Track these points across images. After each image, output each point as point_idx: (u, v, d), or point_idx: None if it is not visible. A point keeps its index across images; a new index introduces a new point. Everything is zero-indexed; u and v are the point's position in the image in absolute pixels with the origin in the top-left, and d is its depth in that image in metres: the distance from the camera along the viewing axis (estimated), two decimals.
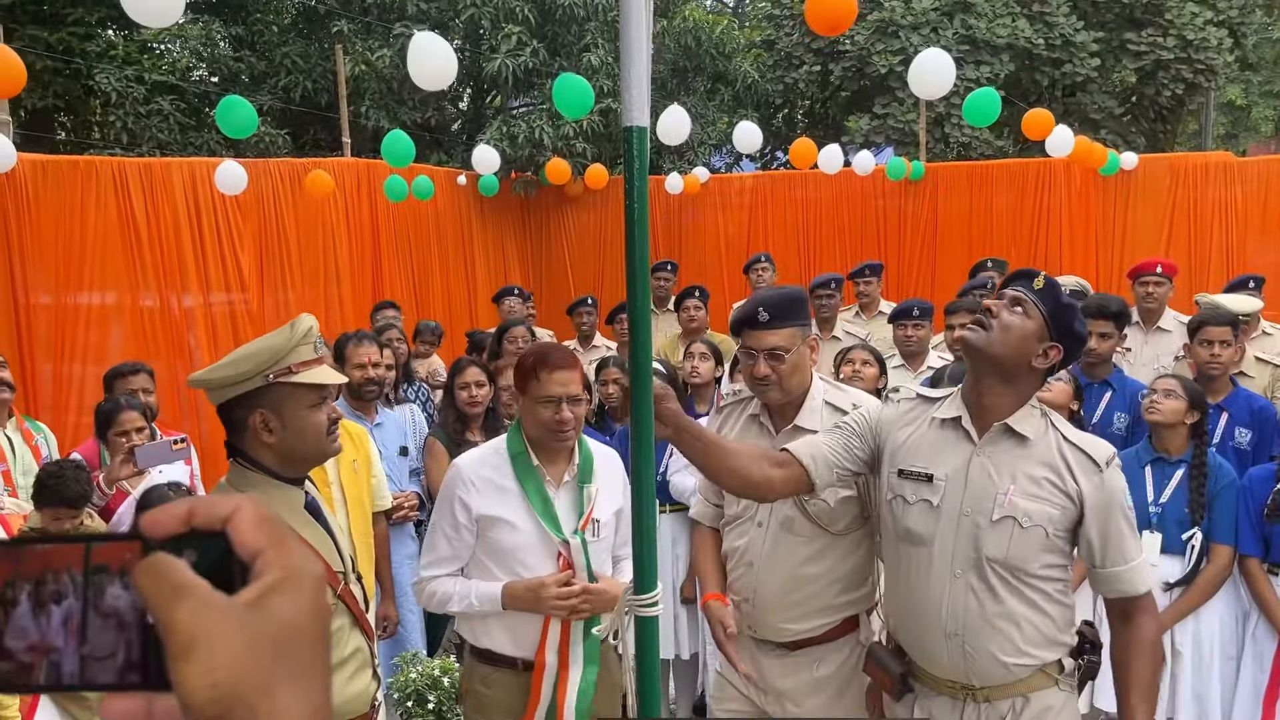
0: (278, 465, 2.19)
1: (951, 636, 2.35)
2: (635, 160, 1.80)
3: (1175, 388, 3.67)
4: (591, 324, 6.88)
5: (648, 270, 1.84)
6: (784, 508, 2.71)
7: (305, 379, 2.14)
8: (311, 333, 2.17)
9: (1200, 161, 9.66)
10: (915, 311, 5.18)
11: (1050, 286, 2.33)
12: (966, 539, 2.31)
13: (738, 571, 2.79)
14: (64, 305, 6.24)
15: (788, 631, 2.74)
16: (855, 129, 14.22)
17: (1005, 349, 2.28)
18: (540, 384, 2.67)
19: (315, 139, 12.47)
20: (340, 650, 2.23)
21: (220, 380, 2.13)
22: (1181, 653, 3.64)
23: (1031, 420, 2.33)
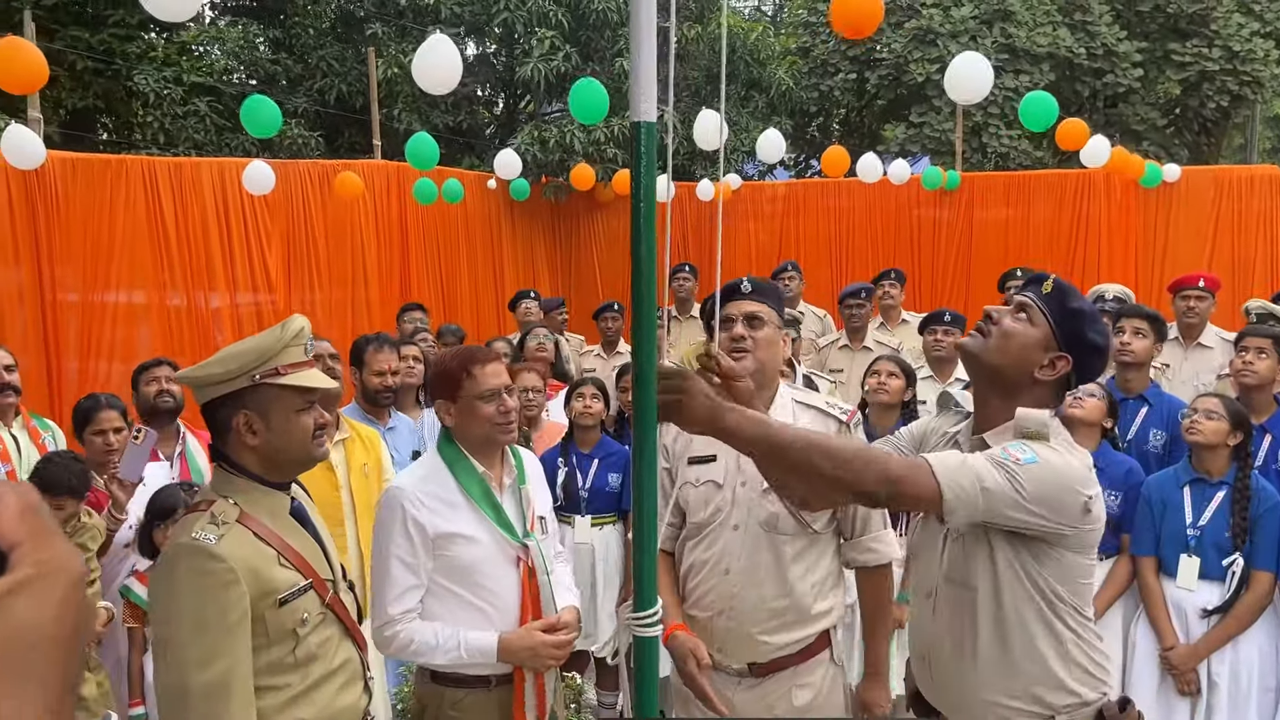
0: (261, 469, 2.13)
1: (920, 660, 2.28)
2: (643, 157, 1.72)
3: (1217, 408, 3.52)
4: (618, 329, 6.80)
5: (655, 271, 1.75)
6: (766, 505, 2.63)
7: (293, 381, 2.08)
8: (302, 334, 2.12)
9: (1245, 175, 9.43)
10: (947, 317, 5.05)
11: (1059, 291, 2.14)
12: (938, 557, 2.21)
13: (710, 583, 2.67)
14: (91, 303, 6.25)
15: (766, 648, 2.64)
16: (891, 138, 14.07)
17: (1003, 358, 2.11)
18: (475, 381, 2.62)
19: (350, 142, 12.51)
20: (328, 662, 2.14)
21: (206, 378, 2.08)
22: (1218, 683, 3.48)
23: (1005, 436, 2.10)
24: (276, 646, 2.04)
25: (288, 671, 2.06)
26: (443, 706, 2.60)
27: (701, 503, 2.71)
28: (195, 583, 1.95)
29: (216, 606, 1.95)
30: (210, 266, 6.84)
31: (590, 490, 4.37)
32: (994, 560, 2.08)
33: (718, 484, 2.70)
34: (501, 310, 9.60)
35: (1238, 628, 3.45)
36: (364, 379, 4.27)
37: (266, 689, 2.03)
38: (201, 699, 1.92)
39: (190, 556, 1.97)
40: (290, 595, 2.05)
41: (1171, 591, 3.58)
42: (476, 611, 2.61)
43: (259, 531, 2.06)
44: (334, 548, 2.32)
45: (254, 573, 2.00)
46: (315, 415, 2.14)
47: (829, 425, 2.72)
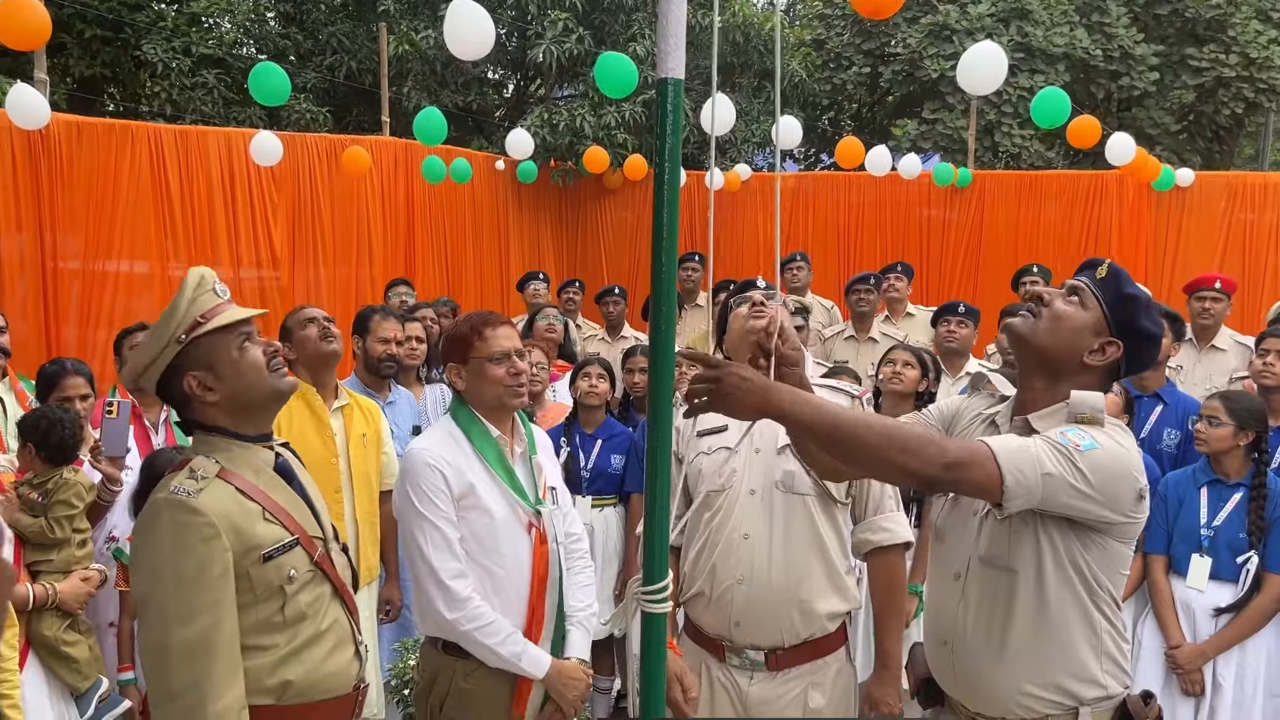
0: (233, 422, 2.09)
1: (942, 645, 2.21)
2: (669, 115, 1.66)
3: (1219, 412, 3.45)
4: (619, 313, 6.74)
5: (675, 239, 1.69)
6: (781, 464, 2.60)
7: (219, 322, 2.03)
8: (205, 281, 2.06)
9: (1259, 182, 9.36)
10: (960, 309, 4.98)
11: (1114, 276, 2.10)
12: (972, 537, 2.14)
13: (728, 552, 2.60)
14: (93, 272, 6.18)
15: (786, 629, 2.58)
16: (902, 134, 13.99)
17: (1053, 340, 2.07)
18: (486, 343, 2.62)
19: (358, 119, 12.43)
20: (317, 622, 2.09)
21: (141, 365, 2.05)
22: (1223, 685, 3.43)
23: (1054, 418, 2.05)
24: (263, 604, 2.00)
25: (275, 631, 2.02)
26: (455, 678, 2.58)
27: (715, 471, 2.68)
28: (174, 536, 1.91)
29: (196, 560, 1.90)
30: (214, 239, 6.77)
31: (592, 471, 4.32)
32: (1040, 544, 2.03)
33: (729, 448, 2.68)
34: (506, 293, 9.54)
35: (1247, 630, 3.40)
36: (368, 346, 4.21)
37: (253, 648, 1.98)
38: (182, 657, 1.88)
39: (169, 510, 1.93)
40: (275, 551, 2.01)
41: (1181, 591, 3.53)
42: (488, 575, 2.59)
43: (241, 486, 2.02)
44: (324, 507, 2.27)
45: (235, 528, 1.95)
46: (262, 346, 2.10)
47: (842, 400, 2.68)
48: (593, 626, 2.80)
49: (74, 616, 3.16)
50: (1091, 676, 2.06)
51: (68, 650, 3.11)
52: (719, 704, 2.67)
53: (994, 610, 2.10)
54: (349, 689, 2.17)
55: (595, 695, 4.53)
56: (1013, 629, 2.08)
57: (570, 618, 2.71)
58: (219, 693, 1.89)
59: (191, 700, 1.87)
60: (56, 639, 3.09)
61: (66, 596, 3.12)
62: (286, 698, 2.02)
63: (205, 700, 1.87)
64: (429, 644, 2.70)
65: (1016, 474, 1.86)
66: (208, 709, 1.87)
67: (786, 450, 2.60)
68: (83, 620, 3.21)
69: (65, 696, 3.14)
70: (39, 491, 3.17)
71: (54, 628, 3.10)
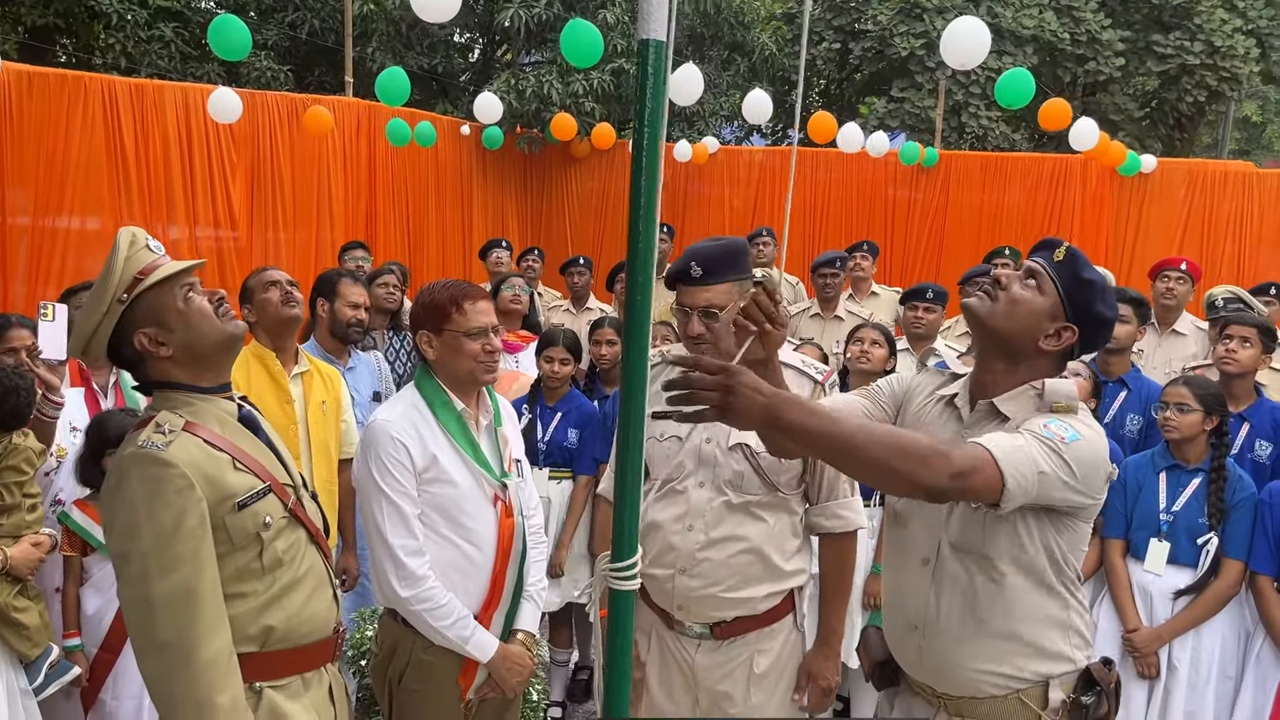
0: (190, 375, 2.06)
1: (911, 630, 2.20)
2: (650, 78, 1.60)
3: (1187, 399, 3.46)
4: (585, 283, 6.66)
5: (655, 207, 1.64)
6: (731, 463, 2.57)
7: (159, 275, 2.00)
8: (138, 239, 2.02)
9: (1219, 170, 9.48)
10: (929, 294, 4.97)
11: (1071, 258, 2.07)
12: (938, 522, 2.13)
13: (671, 540, 2.59)
14: (43, 227, 5.99)
15: (727, 603, 2.59)
16: (869, 112, 13.98)
17: (1009, 323, 2.06)
18: (465, 317, 2.57)
19: (319, 80, 12.17)
20: (295, 568, 2.09)
21: (87, 332, 2.01)
22: (1177, 668, 3.46)
23: (1023, 403, 2.07)
24: (241, 553, 2.00)
25: (254, 578, 2.02)
26: (414, 650, 2.57)
27: (664, 459, 2.64)
28: (147, 490, 1.90)
29: (172, 512, 1.89)
30: (170, 197, 6.59)
31: (549, 443, 4.27)
32: (1018, 531, 2.04)
33: (679, 438, 2.63)
34: (469, 260, 9.43)
35: (1203, 614, 3.43)
36: (336, 309, 4.07)
37: (234, 596, 1.99)
38: (167, 608, 1.88)
39: (139, 465, 1.91)
40: (249, 499, 2.00)
41: (1138, 575, 3.55)
42: (455, 549, 2.57)
43: (208, 438, 2.00)
44: (290, 456, 2.26)
45: (207, 478, 1.95)
46: (205, 294, 2.06)
47: (805, 385, 2.66)
48: (543, 600, 2.80)
49: (24, 582, 3.06)
50: (1060, 652, 2.10)
51: (18, 617, 3.01)
52: (669, 666, 2.69)
53: (967, 595, 2.11)
54: (329, 632, 2.18)
55: (553, 669, 4.50)
56: (987, 612, 2.09)
57: (523, 592, 2.70)
58: (207, 639, 1.90)
59: (180, 650, 1.88)
60: (7, 605, 2.99)
61: (17, 562, 3.01)
62: (270, 644, 2.04)
63: (194, 649, 1.88)
64: (388, 615, 2.66)
65: (1017, 476, 1.85)
66: (198, 657, 1.88)
67: (738, 449, 2.57)
68: (32, 586, 3.11)
69: (14, 664, 3.03)
70: None
71: (4, 594, 2.99)
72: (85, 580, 3.25)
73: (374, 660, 2.73)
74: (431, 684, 2.57)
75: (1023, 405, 2.06)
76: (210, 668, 1.88)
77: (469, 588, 2.57)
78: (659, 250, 7.12)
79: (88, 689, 3.22)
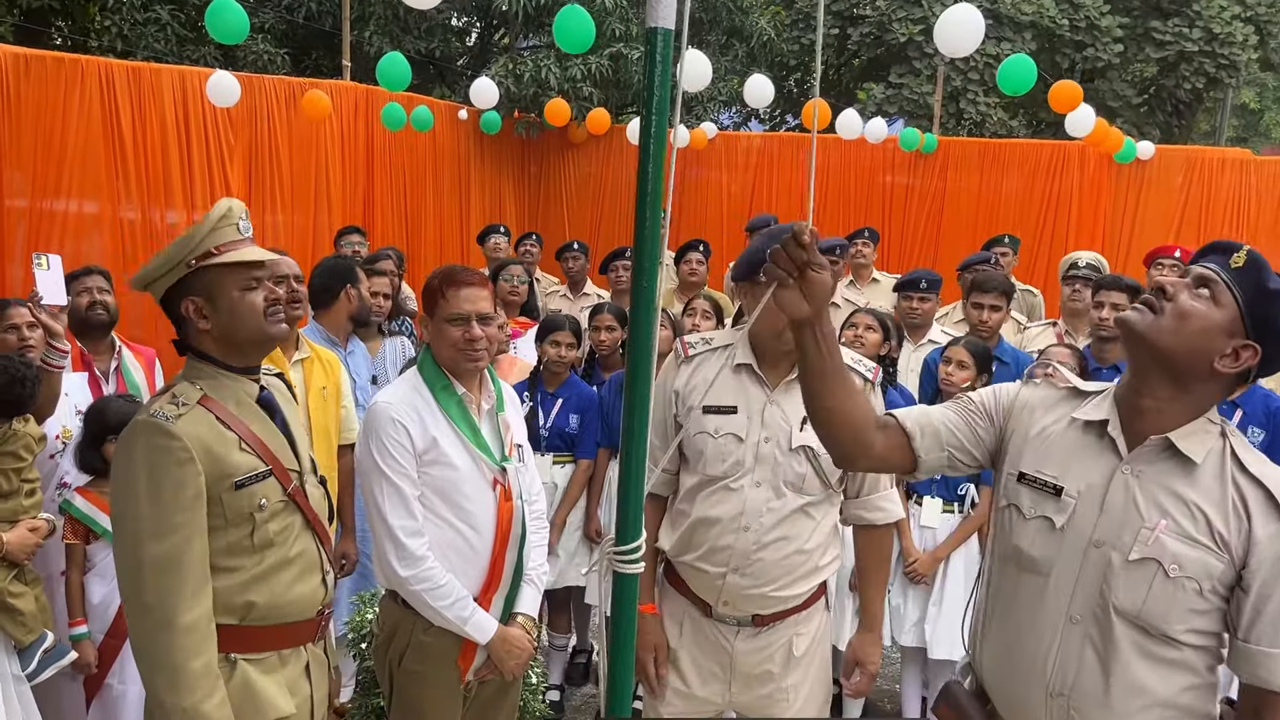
0: (221, 353, 2.13)
1: (1055, 697, 1.87)
2: (657, 67, 1.61)
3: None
4: (581, 268, 6.66)
5: (660, 192, 1.65)
6: (793, 465, 2.54)
7: (230, 258, 2.07)
8: (232, 214, 2.09)
9: (1217, 157, 9.49)
10: (923, 284, 4.98)
11: (1254, 265, 1.76)
12: (1092, 578, 1.82)
13: (725, 539, 2.57)
14: (40, 210, 5.97)
15: (774, 601, 2.60)
16: (867, 97, 13.96)
17: (1178, 342, 1.75)
18: (448, 302, 2.58)
19: (317, 63, 12.12)
20: (284, 550, 2.15)
21: (149, 274, 2.10)
22: None
23: (1203, 439, 1.79)
24: (233, 529, 2.07)
25: (244, 554, 2.09)
26: (415, 631, 2.60)
27: (719, 456, 2.59)
28: (151, 458, 1.98)
29: (171, 482, 1.97)
30: (168, 180, 6.57)
31: (550, 429, 4.28)
32: (1202, 609, 1.78)
33: (739, 438, 2.58)
34: (466, 244, 9.42)
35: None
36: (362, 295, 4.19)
37: (221, 570, 2.06)
38: (154, 571, 1.96)
39: (147, 433, 1.99)
40: (247, 480, 2.07)
41: None
42: (454, 532, 2.59)
43: (221, 415, 2.07)
44: (304, 441, 2.31)
45: (210, 454, 2.02)
46: (265, 292, 2.13)
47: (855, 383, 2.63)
48: (543, 584, 2.82)
49: (20, 567, 3.06)
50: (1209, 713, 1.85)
51: (13, 602, 3.01)
52: (706, 652, 2.70)
53: (1124, 663, 1.81)
54: (313, 614, 2.24)
55: (552, 653, 4.53)
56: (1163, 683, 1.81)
57: (523, 575, 2.72)
58: (188, 606, 1.97)
59: (162, 613, 1.95)
60: (2, 590, 2.98)
61: (14, 547, 3.01)
62: (250, 619, 2.10)
63: (174, 613, 1.95)
64: (389, 597, 2.69)
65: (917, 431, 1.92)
66: (178, 621, 1.95)
67: (800, 451, 2.54)
68: (29, 571, 3.11)
69: (7, 649, 3.03)
70: None
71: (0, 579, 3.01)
72: (89, 568, 3.25)
73: (375, 642, 2.75)
74: (431, 665, 2.59)
75: (1205, 443, 1.79)
76: (188, 633, 1.96)
77: (468, 570, 2.59)
78: None
79: (94, 675, 3.23)
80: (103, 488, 3.28)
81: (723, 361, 2.64)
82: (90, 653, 3.19)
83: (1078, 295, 5.01)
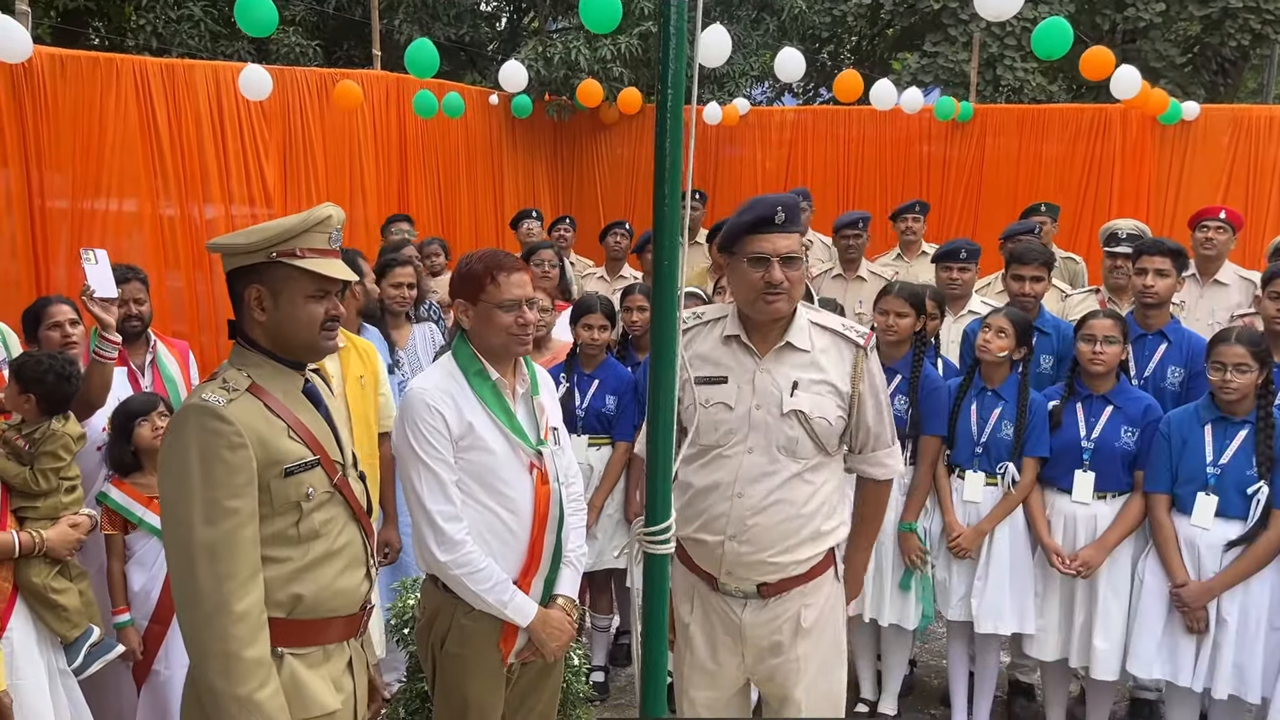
0: (271, 346, 2.14)
1: None
2: (672, 37, 1.58)
3: (1245, 359, 3.37)
4: (625, 248, 6.65)
5: (679, 168, 1.63)
6: (785, 429, 2.58)
7: (308, 265, 2.07)
8: (328, 222, 2.10)
9: (1265, 115, 9.22)
10: (962, 254, 4.90)
11: None
12: None
13: (721, 507, 2.61)
14: (81, 210, 6.04)
15: (774, 568, 2.62)
16: (902, 68, 13.76)
17: None
18: (499, 288, 2.58)
19: (348, 53, 12.18)
20: (330, 541, 2.14)
21: (230, 247, 2.09)
22: (1227, 621, 3.43)
23: None
24: (279, 518, 2.06)
25: (289, 545, 2.08)
26: (456, 615, 2.61)
27: (711, 425, 2.63)
28: (203, 441, 1.97)
29: (224, 466, 1.96)
30: (205, 175, 6.64)
31: (586, 410, 4.28)
32: None
33: (729, 405, 2.63)
34: (501, 230, 9.44)
35: (1253, 566, 3.38)
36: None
37: (268, 560, 2.04)
38: (206, 556, 1.94)
39: (199, 416, 1.99)
40: (296, 468, 2.07)
41: (1185, 529, 3.51)
42: (493, 516, 2.60)
43: (269, 403, 2.08)
44: (348, 435, 2.32)
45: (261, 440, 2.01)
46: (328, 306, 2.13)
47: (844, 349, 2.66)
48: (582, 566, 2.83)
49: (64, 563, 3.11)
50: None
51: (56, 598, 3.05)
52: (714, 626, 2.73)
53: None
54: (356, 609, 2.22)
55: (595, 634, 4.54)
56: None
57: (562, 558, 2.72)
58: (243, 593, 1.96)
59: (217, 599, 1.93)
60: (45, 586, 3.03)
61: (55, 543, 3.05)
62: (297, 612, 2.09)
63: (228, 600, 1.94)
64: (430, 581, 2.70)
65: None
66: (231, 609, 1.94)
67: (793, 415, 2.58)
68: (74, 566, 3.16)
69: (54, 645, 3.09)
70: (26, 440, 3.11)
71: (43, 575, 3.04)
72: (129, 556, 3.30)
73: (417, 626, 2.77)
74: (472, 648, 2.61)
75: None
76: (241, 621, 1.95)
77: (507, 554, 2.60)
78: (691, 217, 7.11)
79: (140, 662, 3.29)
80: (138, 479, 3.33)
81: (716, 333, 2.69)
82: (135, 639, 3.24)
83: (1119, 270, 4.91)
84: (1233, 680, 3.44)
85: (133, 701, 3.34)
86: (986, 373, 3.91)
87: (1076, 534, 3.75)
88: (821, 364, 2.62)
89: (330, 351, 2.24)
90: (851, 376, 2.63)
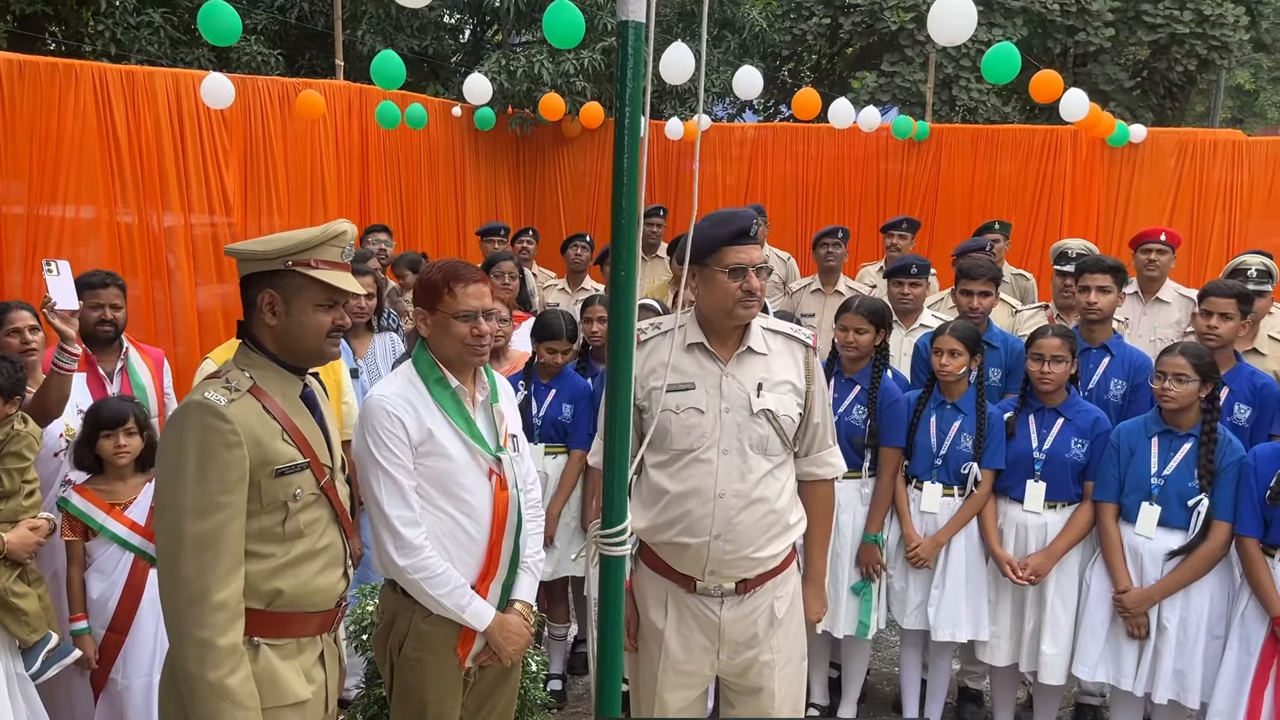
0: (277, 350, 2.25)
1: None
2: (629, 59, 1.65)
3: (1185, 369, 3.51)
4: (586, 260, 6.71)
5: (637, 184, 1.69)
6: (755, 428, 2.72)
7: (321, 275, 2.20)
8: (343, 237, 2.23)
9: (1209, 139, 9.50)
10: (913, 269, 5.03)
11: None
12: None
13: (703, 509, 2.72)
14: (38, 217, 5.99)
15: (754, 563, 2.76)
16: (860, 86, 13.97)
17: None
18: (455, 298, 2.63)
19: (310, 63, 12.15)
20: (313, 541, 2.26)
21: (249, 253, 2.21)
22: (1167, 628, 3.55)
23: None
24: (267, 515, 2.17)
25: (274, 541, 2.19)
26: (414, 620, 2.65)
27: (683, 430, 2.74)
28: (202, 437, 2.08)
29: (219, 463, 2.07)
30: (164, 183, 6.60)
31: (543, 419, 4.32)
32: None
33: (699, 410, 2.73)
34: (463, 241, 9.46)
35: (1191, 576, 3.50)
36: None
37: (252, 555, 2.15)
38: (194, 547, 2.05)
39: (200, 413, 2.09)
40: (287, 469, 2.18)
41: (1129, 537, 3.63)
42: (452, 521, 2.64)
43: (268, 405, 2.19)
44: (338, 440, 2.43)
45: (256, 440, 2.12)
46: (335, 316, 2.26)
47: (795, 349, 2.83)
48: (540, 572, 2.88)
49: (23, 567, 3.10)
50: None
51: (16, 602, 3.05)
52: (689, 627, 2.82)
53: None
54: (331, 605, 2.34)
55: (552, 643, 4.58)
56: None
57: (520, 563, 2.77)
58: (223, 584, 2.06)
59: (198, 587, 2.04)
60: (6, 590, 3.02)
61: (15, 546, 3.04)
62: (276, 605, 2.20)
63: (209, 589, 2.04)
64: (388, 586, 2.73)
65: None
66: (211, 597, 2.04)
67: (762, 414, 2.72)
68: (33, 571, 3.15)
69: (12, 649, 3.08)
70: None
71: (3, 578, 3.03)
72: (89, 564, 3.29)
73: (375, 630, 2.80)
74: (430, 652, 2.64)
75: None
76: (219, 610, 2.04)
77: (466, 559, 2.64)
78: (654, 233, 7.20)
79: (98, 670, 3.27)
80: (99, 485, 3.33)
81: (676, 342, 2.76)
82: (90, 647, 3.23)
83: (1069, 290, 5.06)
84: (1173, 685, 3.56)
85: (89, 711, 3.32)
86: (946, 387, 4.02)
87: (1028, 542, 3.87)
88: (778, 365, 2.78)
89: (332, 359, 2.34)
90: (805, 375, 2.80)
